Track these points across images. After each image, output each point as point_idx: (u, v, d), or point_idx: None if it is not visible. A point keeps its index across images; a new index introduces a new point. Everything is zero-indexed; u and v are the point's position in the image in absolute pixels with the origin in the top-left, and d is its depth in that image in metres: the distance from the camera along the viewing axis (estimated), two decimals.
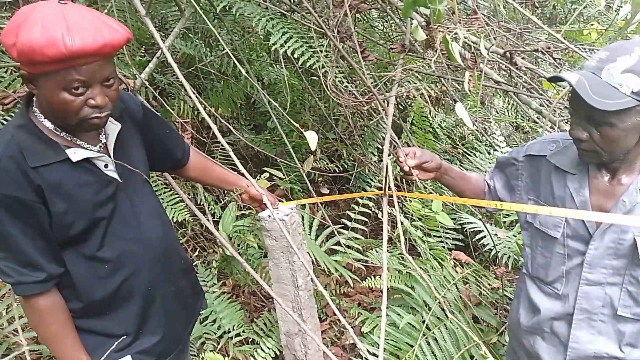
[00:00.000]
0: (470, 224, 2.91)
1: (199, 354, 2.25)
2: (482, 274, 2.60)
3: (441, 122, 4.16)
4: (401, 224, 1.69)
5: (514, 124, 4.51)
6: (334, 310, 1.32)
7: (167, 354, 1.46)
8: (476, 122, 3.71)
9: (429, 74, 3.13)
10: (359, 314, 2.50)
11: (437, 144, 3.87)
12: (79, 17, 1.06)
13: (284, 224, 1.68)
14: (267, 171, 2.42)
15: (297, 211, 1.86)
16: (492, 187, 1.59)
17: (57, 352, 1.29)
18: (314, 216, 2.83)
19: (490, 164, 3.52)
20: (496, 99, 4.52)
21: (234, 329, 2.43)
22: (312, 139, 1.62)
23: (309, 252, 2.29)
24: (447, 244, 2.98)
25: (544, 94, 2.68)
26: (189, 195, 2.81)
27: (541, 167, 1.40)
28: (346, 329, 2.66)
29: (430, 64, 2.16)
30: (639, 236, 1.20)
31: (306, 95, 3.62)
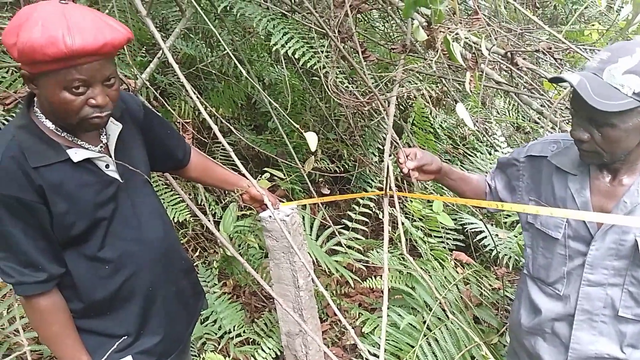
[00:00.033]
0: (471, 224, 2.91)
1: (199, 355, 2.25)
2: (483, 275, 2.59)
3: (442, 122, 4.15)
4: (402, 224, 1.68)
5: (515, 125, 4.51)
6: (334, 310, 1.32)
7: (168, 354, 1.46)
8: (477, 123, 3.70)
9: (429, 75, 3.13)
10: (359, 314, 2.50)
11: (438, 145, 3.86)
12: (79, 16, 1.06)
13: (284, 224, 1.68)
14: (268, 171, 2.42)
15: (297, 211, 1.86)
16: (493, 187, 1.59)
17: (58, 352, 1.29)
18: (315, 216, 2.83)
19: (491, 164, 3.52)
20: (497, 100, 4.52)
21: (234, 330, 2.44)
22: (312, 140, 1.62)
23: (309, 252, 2.29)
24: (448, 244, 2.98)
25: (545, 95, 2.68)
26: (189, 195, 2.81)
27: (542, 168, 1.40)
28: (347, 330, 2.66)
29: (431, 65, 2.16)
30: None
31: (307, 95, 3.62)
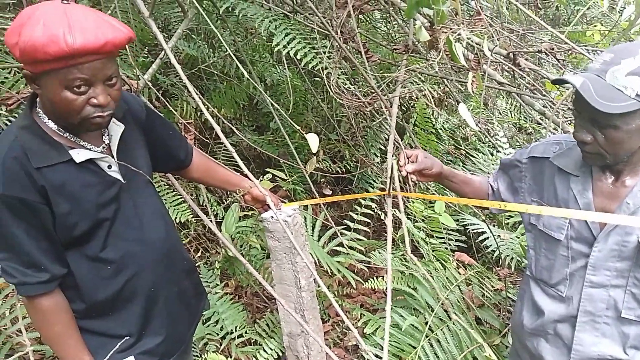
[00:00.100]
0: (473, 225, 2.90)
1: (201, 355, 2.25)
2: (485, 276, 2.59)
3: (444, 123, 4.15)
4: (405, 224, 1.68)
5: (517, 126, 4.50)
6: (337, 311, 1.32)
7: (170, 355, 1.46)
8: (479, 123, 3.70)
9: (432, 75, 3.13)
10: (361, 315, 2.50)
11: (440, 145, 3.86)
12: (81, 15, 1.07)
13: (286, 225, 1.68)
14: (270, 172, 2.43)
15: (299, 212, 1.86)
16: (495, 189, 1.59)
17: (60, 352, 1.29)
18: (317, 217, 2.83)
19: (493, 165, 3.51)
20: (499, 100, 4.51)
21: (236, 330, 2.44)
22: (313, 141, 1.62)
23: (311, 253, 2.29)
24: (450, 245, 2.97)
25: (547, 95, 2.67)
26: (191, 196, 2.81)
27: (544, 169, 1.40)
28: (349, 330, 2.66)
29: (433, 65, 2.16)
30: None
31: (309, 96, 3.62)
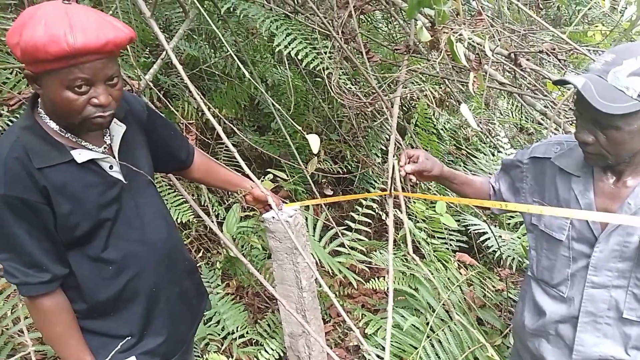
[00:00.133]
0: (474, 225, 2.90)
1: (203, 355, 2.25)
2: (487, 276, 2.59)
3: (445, 123, 4.15)
4: (406, 224, 1.68)
5: (519, 126, 4.50)
6: (339, 311, 1.32)
7: (171, 355, 1.46)
8: (480, 124, 3.70)
9: (433, 75, 3.13)
10: (362, 315, 2.50)
11: (441, 146, 3.86)
12: (82, 15, 1.07)
13: (287, 225, 1.68)
14: (271, 172, 2.43)
15: (301, 212, 1.86)
16: (497, 189, 1.59)
17: (61, 352, 1.29)
18: (318, 217, 2.83)
19: (494, 165, 3.51)
20: (500, 101, 4.51)
21: (237, 330, 2.44)
22: (314, 142, 1.62)
23: (312, 253, 2.29)
24: (451, 245, 2.97)
25: (548, 96, 2.67)
26: (193, 196, 2.81)
27: (546, 170, 1.40)
28: (351, 331, 2.66)
29: (434, 65, 2.15)
30: None
31: (310, 96, 3.62)
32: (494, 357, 1.55)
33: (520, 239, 2.75)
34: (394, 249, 2.79)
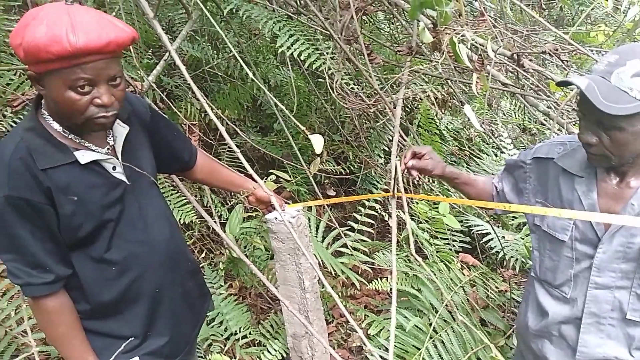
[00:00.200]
0: (477, 226, 2.90)
1: (205, 356, 2.25)
2: (490, 277, 2.59)
3: (448, 124, 4.14)
4: (409, 225, 1.68)
5: (521, 126, 4.49)
6: (342, 312, 1.31)
7: (174, 356, 1.47)
8: (483, 124, 3.69)
9: (435, 76, 3.13)
10: (365, 316, 2.50)
11: (444, 146, 3.85)
12: (84, 15, 1.07)
13: (290, 225, 1.68)
14: (274, 173, 2.43)
15: (303, 213, 1.86)
16: (500, 190, 1.59)
17: (65, 353, 1.29)
18: (321, 218, 2.83)
19: (497, 166, 3.51)
20: (503, 101, 4.50)
21: (240, 331, 2.44)
22: (317, 142, 1.62)
23: (315, 254, 2.29)
24: (454, 246, 2.96)
25: (551, 96, 2.67)
26: (196, 197, 2.82)
27: (549, 170, 1.40)
28: (354, 331, 2.66)
29: (437, 66, 2.15)
30: None
31: (312, 97, 3.62)
32: (498, 358, 1.55)
33: (523, 239, 2.74)
34: (397, 249, 2.80)
